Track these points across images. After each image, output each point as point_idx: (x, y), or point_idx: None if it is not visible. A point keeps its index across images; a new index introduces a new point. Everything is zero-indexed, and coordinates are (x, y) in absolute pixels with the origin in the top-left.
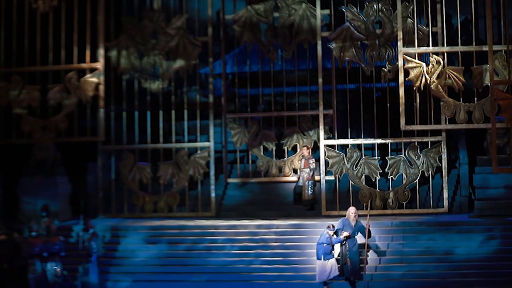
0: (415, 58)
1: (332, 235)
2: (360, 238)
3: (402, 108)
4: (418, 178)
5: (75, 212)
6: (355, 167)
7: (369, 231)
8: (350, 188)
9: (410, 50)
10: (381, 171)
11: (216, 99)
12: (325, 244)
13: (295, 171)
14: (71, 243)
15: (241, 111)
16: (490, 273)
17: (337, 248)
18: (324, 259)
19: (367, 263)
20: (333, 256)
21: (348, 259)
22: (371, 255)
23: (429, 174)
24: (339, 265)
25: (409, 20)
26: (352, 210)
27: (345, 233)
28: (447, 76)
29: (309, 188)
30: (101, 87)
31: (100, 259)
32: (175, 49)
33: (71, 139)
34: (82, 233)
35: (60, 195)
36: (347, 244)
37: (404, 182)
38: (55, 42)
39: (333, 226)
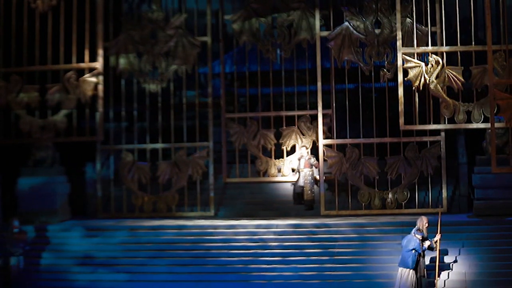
0: (414, 58)
1: (421, 240)
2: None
3: (401, 108)
4: (417, 178)
5: (74, 212)
6: (354, 167)
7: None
8: (349, 188)
9: (409, 49)
10: (380, 171)
11: (215, 99)
12: (414, 251)
13: (293, 171)
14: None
15: (240, 111)
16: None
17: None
18: (412, 268)
19: (439, 276)
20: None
21: (425, 271)
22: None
23: (428, 174)
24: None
25: (408, 19)
26: (425, 220)
27: (437, 237)
28: (446, 76)
29: (310, 188)
30: (100, 87)
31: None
32: (174, 49)
33: (70, 139)
34: (6, 234)
35: (59, 195)
36: (423, 254)
37: (403, 182)
38: (54, 41)
39: (421, 230)
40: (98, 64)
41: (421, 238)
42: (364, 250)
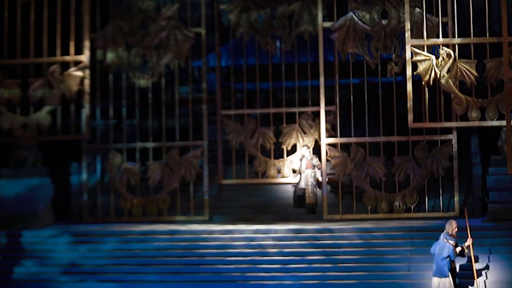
0: (423, 51)
1: (455, 246)
2: None
3: (409, 104)
4: (427, 180)
5: (58, 216)
6: (359, 168)
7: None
8: (354, 190)
9: (419, 42)
10: (387, 172)
11: (210, 95)
12: (448, 258)
13: (294, 172)
14: None
15: (237, 108)
16: None
17: None
18: (448, 276)
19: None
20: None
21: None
22: None
23: (439, 175)
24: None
25: (418, 9)
26: (455, 224)
27: (468, 242)
28: (458, 70)
29: (312, 190)
30: (86, 82)
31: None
32: (165, 41)
33: (54, 137)
34: None
35: (41, 198)
36: (455, 260)
37: (412, 184)
38: (37, 33)
39: (452, 235)
40: (84, 57)
41: (454, 244)
42: (370, 257)
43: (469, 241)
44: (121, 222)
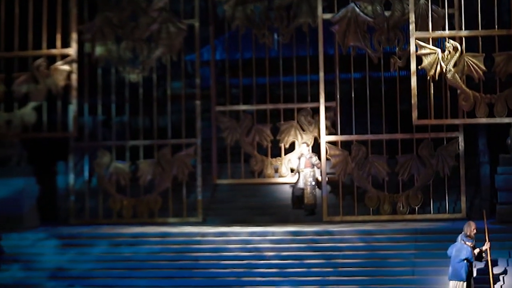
0: (429, 44)
1: (473, 248)
2: None
3: (414, 100)
4: (432, 179)
5: (44, 218)
6: (361, 167)
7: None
8: (355, 191)
9: (424, 34)
10: (390, 171)
11: (203, 90)
12: (466, 260)
13: (292, 171)
14: None
15: (232, 104)
16: None
17: None
18: (465, 280)
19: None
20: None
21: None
22: None
23: (444, 175)
24: None
25: (422, 0)
26: (473, 225)
27: (486, 245)
28: (465, 64)
29: (311, 190)
30: (74, 76)
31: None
32: (157, 33)
33: (39, 135)
34: None
35: (26, 198)
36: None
37: (416, 184)
38: (22, 25)
39: (470, 237)
40: (72, 51)
41: (472, 245)
42: (372, 261)
43: (487, 245)
44: (110, 224)
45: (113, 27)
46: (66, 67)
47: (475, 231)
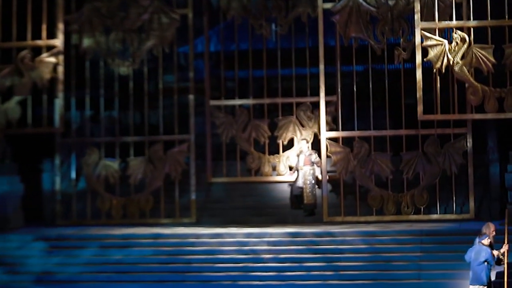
0: (435, 35)
1: (491, 247)
2: None
3: (419, 94)
4: (438, 178)
5: (28, 218)
6: (363, 165)
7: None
8: (357, 190)
9: (430, 24)
10: (394, 169)
11: (197, 84)
12: (486, 263)
13: (291, 169)
14: None
15: (227, 98)
16: None
17: None
18: (486, 284)
19: None
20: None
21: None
22: None
23: (451, 173)
24: None
25: None
26: (493, 227)
27: (504, 248)
28: (473, 56)
29: (311, 190)
30: (60, 69)
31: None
32: (148, 23)
33: (24, 130)
34: None
35: (10, 197)
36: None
37: (422, 183)
38: (5, 14)
39: (490, 239)
40: (58, 42)
41: (489, 244)
42: (375, 264)
43: (505, 247)
44: (99, 225)
45: (102, 17)
46: (52, 59)
47: (494, 232)
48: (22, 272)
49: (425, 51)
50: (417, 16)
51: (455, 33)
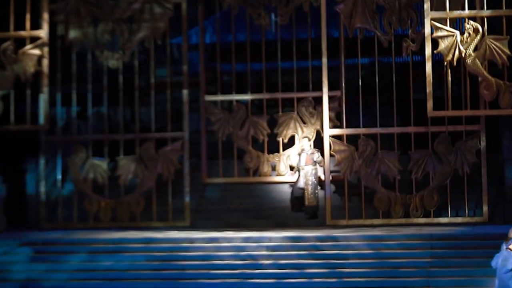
0: (446, 25)
1: None
2: None
3: (429, 89)
4: (449, 178)
5: (11, 221)
6: (369, 164)
7: None
8: (363, 191)
9: (440, 14)
10: (402, 169)
11: (192, 78)
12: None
13: (292, 169)
14: None
15: (224, 93)
16: None
17: None
18: None
19: None
20: None
21: None
22: None
23: (464, 173)
24: None
25: None
26: None
27: None
28: (487, 47)
29: (313, 191)
30: (45, 62)
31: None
32: (139, 13)
33: (6, 127)
34: None
35: None
36: None
37: (432, 183)
38: None
39: None
40: (43, 33)
41: None
42: (381, 270)
43: None
44: (86, 228)
45: (90, 6)
46: (36, 52)
47: None
48: (5, 280)
49: (435, 43)
50: (426, 5)
51: (468, 23)
